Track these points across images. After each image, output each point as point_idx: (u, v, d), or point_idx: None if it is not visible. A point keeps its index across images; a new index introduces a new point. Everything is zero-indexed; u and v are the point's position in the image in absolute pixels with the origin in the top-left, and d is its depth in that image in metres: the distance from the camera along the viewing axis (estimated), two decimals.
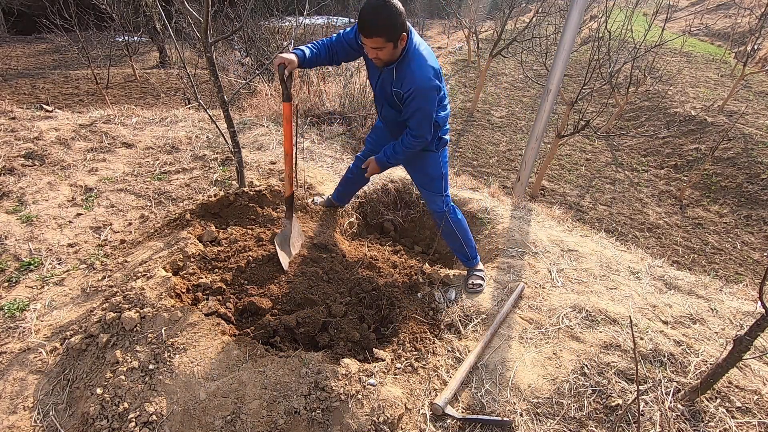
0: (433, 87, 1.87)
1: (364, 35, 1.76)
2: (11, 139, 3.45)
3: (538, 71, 11.11)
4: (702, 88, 10.35)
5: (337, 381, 1.58)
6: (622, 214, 6.74)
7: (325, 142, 4.44)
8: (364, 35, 1.76)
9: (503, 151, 8.54)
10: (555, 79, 3.69)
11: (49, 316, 1.98)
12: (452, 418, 1.58)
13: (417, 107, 1.88)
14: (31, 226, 2.54)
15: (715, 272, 5.31)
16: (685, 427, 1.54)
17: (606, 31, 6.27)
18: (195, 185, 3.16)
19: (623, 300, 2.26)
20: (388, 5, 1.70)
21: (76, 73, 9.28)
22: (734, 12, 14.73)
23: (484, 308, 2.11)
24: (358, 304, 2.07)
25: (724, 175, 7.37)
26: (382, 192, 3.52)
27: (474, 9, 13.06)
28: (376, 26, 1.72)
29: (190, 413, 1.53)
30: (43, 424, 1.58)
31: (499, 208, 3.28)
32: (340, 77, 5.74)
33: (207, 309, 1.93)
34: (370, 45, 1.79)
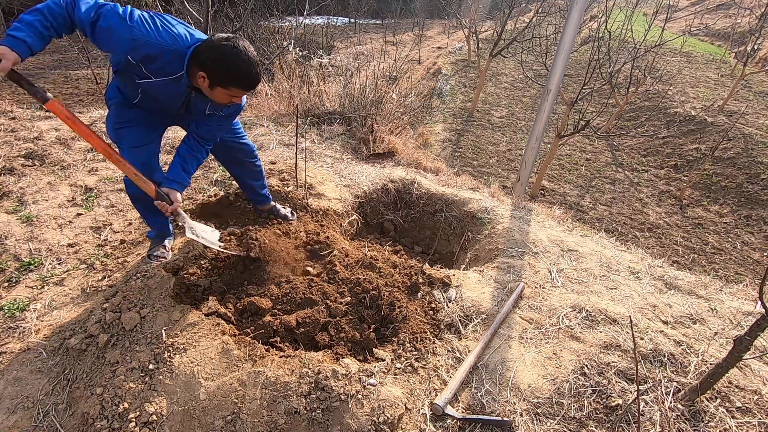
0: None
1: (252, 89, 1.79)
2: (11, 139, 3.45)
3: (538, 71, 11.11)
4: (702, 88, 10.35)
5: (337, 381, 1.58)
6: (622, 214, 6.74)
7: (325, 142, 4.44)
8: (252, 89, 1.79)
9: (503, 151, 8.54)
10: (555, 79, 3.69)
11: (49, 316, 1.98)
12: (452, 418, 1.58)
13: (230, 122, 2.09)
14: (31, 226, 2.54)
15: (715, 272, 5.31)
16: (685, 427, 1.54)
17: (606, 31, 6.28)
18: (195, 185, 3.16)
19: (623, 300, 2.26)
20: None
21: (76, 73, 9.28)
22: (734, 12, 14.73)
23: (484, 308, 2.11)
24: (358, 304, 2.07)
25: (724, 175, 7.37)
26: (382, 192, 3.52)
27: (474, 9, 13.07)
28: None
29: (190, 413, 1.53)
30: (43, 424, 1.58)
31: (499, 208, 3.28)
32: (340, 77, 5.74)
33: (207, 309, 1.93)
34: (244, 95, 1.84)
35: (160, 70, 1.72)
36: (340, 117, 4.96)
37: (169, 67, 1.72)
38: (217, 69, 1.67)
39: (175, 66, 1.72)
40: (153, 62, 1.69)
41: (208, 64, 1.67)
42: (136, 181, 1.83)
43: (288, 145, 4.06)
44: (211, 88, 1.74)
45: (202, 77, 1.70)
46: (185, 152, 1.98)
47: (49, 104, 1.60)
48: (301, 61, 6.15)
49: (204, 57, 1.68)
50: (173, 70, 1.73)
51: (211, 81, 1.71)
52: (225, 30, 8.15)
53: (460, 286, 2.25)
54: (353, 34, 18.37)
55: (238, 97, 1.81)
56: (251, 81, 1.73)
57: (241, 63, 1.67)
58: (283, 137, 4.28)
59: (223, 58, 1.65)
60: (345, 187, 3.41)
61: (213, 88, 1.73)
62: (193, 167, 2.01)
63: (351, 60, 6.44)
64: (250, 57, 1.69)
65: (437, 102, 10.57)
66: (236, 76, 1.69)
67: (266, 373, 1.60)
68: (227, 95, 1.76)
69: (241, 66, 1.67)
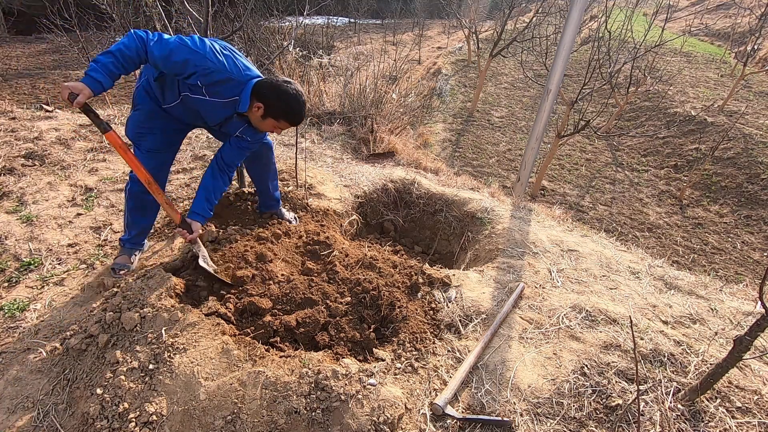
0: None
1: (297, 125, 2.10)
2: (11, 139, 3.45)
3: (538, 71, 11.11)
4: (702, 88, 10.35)
5: (337, 381, 1.58)
6: (622, 214, 6.74)
7: (325, 142, 4.44)
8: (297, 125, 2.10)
9: (503, 151, 8.54)
10: (555, 79, 3.70)
11: (49, 316, 1.98)
12: (452, 418, 1.58)
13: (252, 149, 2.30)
14: (31, 226, 2.54)
15: (715, 272, 5.31)
16: (685, 427, 1.54)
17: (606, 31, 6.28)
18: (195, 185, 3.16)
19: (623, 300, 2.26)
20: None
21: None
22: (734, 12, 14.74)
23: (484, 308, 2.11)
24: (358, 304, 2.07)
25: (724, 175, 7.37)
26: (382, 192, 3.52)
27: (474, 9, 13.07)
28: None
29: (190, 413, 1.53)
30: (43, 424, 1.58)
31: (499, 208, 3.28)
32: (340, 77, 5.74)
33: (207, 309, 1.93)
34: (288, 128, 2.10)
35: (219, 93, 1.97)
36: (340, 117, 4.96)
37: (228, 92, 1.97)
38: (275, 103, 1.96)
39: (234, 92, 1.98)
40: (216, 86, 1.94)
41: (270, 99, 1.96)
42: (166, 209, 2.06)
43: (288, 145, 4.06)
44: (263, 117, 2.01)
45: (258, 107, 1.98)
46: (210, 184, 2.18)
47: (108, 134, 1.85)
48: (301, 61, 6.15)
49: (266, 92, 1.95)
50: (230, 95, 1.98)
51: (266, 113, 1.99)
52: (225, 30, 8.15)
53: (460, 286, 2.25)
54: (353, 34, 18.37)
55: (282, 129, 2.09)
56: (300, 119, 2.06)
57: (297, 104, 1.99)
58: (283, 137, 4.28)
59: (284, 97, 1.96)
60: (345, 187, 3.41)
61: (265, 118, 2.01)
62: (216, 198, 2.22)
63: (351, 60, 6.44)
64: (304, 100, 2.02)
65: (437, 102, 10.57)
66: (290, 113, 2.00)
67: (266, 373, 1.60)
68: (274, 126, 2.05)
69: (297, 107, 2.00)
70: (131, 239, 2.30)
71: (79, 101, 1.71)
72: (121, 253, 2.29)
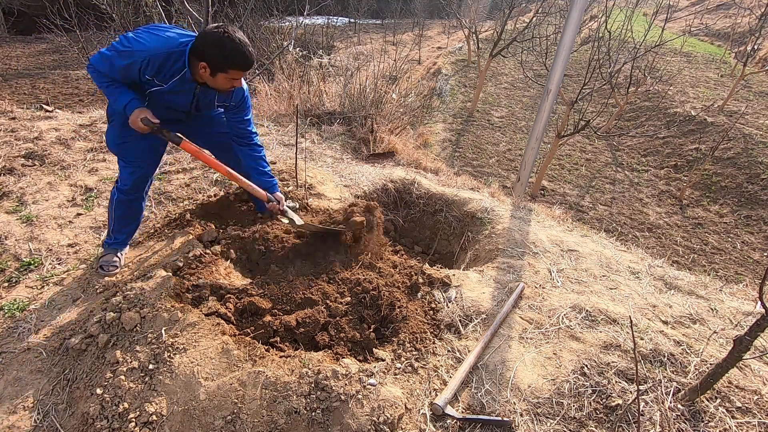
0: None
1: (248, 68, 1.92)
2: (11, 139, 3.45)
3: (538, 71, 11.11)
4: (702, 88, 10.35)
5: (337, 381, 1.58)
6: (622, 214, 6.74)
7: (325, 142, 4.45)
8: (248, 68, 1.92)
9: (503, 151, 8.54)
10: (555, 79, 3.70)
11: (49, 316, 1.98)
12: (452, 418, 1.58)
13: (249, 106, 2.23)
14: (31, 226, 2.54)
15: (715, 272, 5.31)
16: (685, 427, 1.54)
17: (606, 31, 6.28)
18: (195, 185, 3.16)
19: (623, 300, 2.26)
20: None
21: (76, 73, 9.28)
22: (734, 12, 14.73)
23: (484, 308, 2.11)
24: (358, 304, 2.07)
25: (724, 175, 7.37)
26: (382, 192, 3.52)
27: (474, 9, 13.07)
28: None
29: (190, 413, 1.53)
30: (43, 424, 1.58)
31: (499, 208, 3.27)
32: (340, 77, 5.74)
33: (207, 309, 1.93)
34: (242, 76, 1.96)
35: (167, 74, 1.88)
36: (340, 117, 4.96)
37: (174, 68, 1.87)
38: (213, 55, 1.81)
39: (179, 65, 1.87)
40: (161, 69, 1.86)
41: (205, 52, 1.82)
42: (254, 192, 2.22)
43: (288, 145, 4.06)
44: (212, 75, 1.87)
45: (203, 67, 1.85)
46: (251, 162, 2.26)
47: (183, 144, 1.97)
48: (301, 61, 6.15)
49: (200, 48, 1.82)
50: (178, 69, 1.88)
51: (211, 68, 1.85)
52: None
53: (460, 286, 2.25)
54: (353, 34, 18.37)
55: (238, 79, 1.95)
56: (246, 60, 1.86)
57: (234, 45, 1.81)
58: (283, 137, 4.29)
59: (216, 43, 1.80)
60: (345, 187, 3.41)
61: (214, 75, 1.87)
62: (266, 166, 2.30)
63: (351, 60, 6.44)
64: (241, 38, 1.83)
65: (437, 102, 10.57)
66: (233, 59, 1.83)
67: (266, 373, 1.60)
68: (228, 79, 1.90)
69: (235, 47, 1.81)
70: (116, 242, 2.30)
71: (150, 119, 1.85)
72: (105, 253, 2.28)
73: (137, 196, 2.24)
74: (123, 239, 2.32)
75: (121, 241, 2.31)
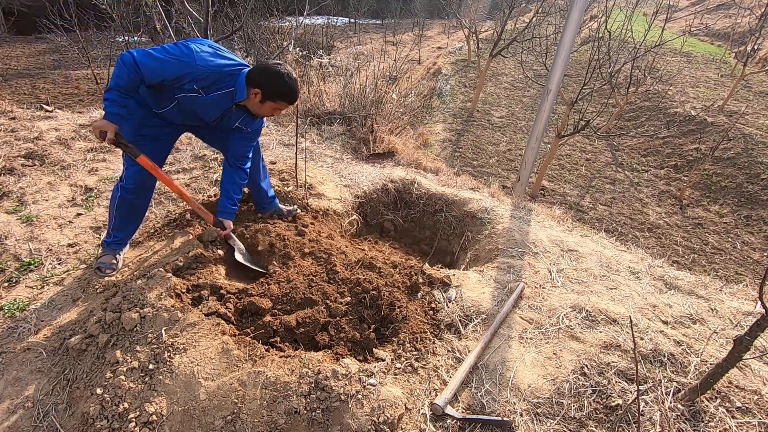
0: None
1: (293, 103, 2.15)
2: (11, 139, 3.45)
3: (538, 71, 11.11)
4: (702, 88, 10.34)
5: (337, 381, 1.58)
6: (622, 214, 6.74)
7: (325, 142, 4.45)
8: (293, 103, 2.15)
9: (503, 151, 8.54)
10: (555, 79, 3.69)
11: (49, 316, 1.98)
12: (452, 418, 1.58)
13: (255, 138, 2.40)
14: (31, 226, 2.54)
15: (715, 272, 5.31)
16: (685, 427, 1.54)
17: (606, 31, 6.28)
18: (195, 185, 3.16)
19: (623, 300, 2.26)
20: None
21: (76, 73, 9.27)
22: (734, 12, 14.73)
23: (484, 308, 2.11)
24: (358, 304, 2.07)
25: (724, 175, 7.37)
26: (382, 192, 3.52)
27: (474, 9, 13.07)
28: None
29: (190, 413, 1.53)
30: (43, 424, 1.58)
31: (499, 208, 3.27)
32: (340, 77, 5.74)
33: (207, 309, 1.93)
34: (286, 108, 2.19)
35: (214, 89, 2.04)
36: (340, 117, 4.96)
37: (223, 86, 2.05)
38: (271, 86, 2.05)
39: (228, 84, 2.06)
40: (212, 85, 2.02)
41: (263, 82, 2.04)
42: (199, 211, 2.32)
43: (288, 145, 4.06)
44: (261, 102, 2.09)
45: (255, 94, 2.06)
46: (228, 183, 2.35)
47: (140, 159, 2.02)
48: (301, 61, 6.15)
49: (260, 77, 2.04)
50: (226, 88, 2.06)
51: (263, 96, 2.07)
52: (225, 30, 8.14)
53: (460, 286, 2.25)
54: (353, 34, 18.37)
55: (281, 109, 2.17)
56: (296, 96, 2.13)
57: (291, 82, 2.07)
58: (283, 137, 4.29)
59: (278, 78, 2.04)
60: (345, 187, 3.41)
61: (263, 102, 2.09)
62: (238, 193, 2.38)
63: (351, 60, 6.44)
64: (294, 78, 2.10)
65: (437, 102, 10.56)
66: (284, 92, 2.08)
67: (266, 373, 1.60)
68: (273, 108, 2.13)
69: (291, 84, 2.07)
70: (115, 241, 2.30)
71: (109, 138, 1.89)
72: (104, 253, 2.28)
73: (140, 196, 2.25)
74: (123, 238, 2.32)
75: (120, 240, 2.30)
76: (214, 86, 2.03)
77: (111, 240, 2.29)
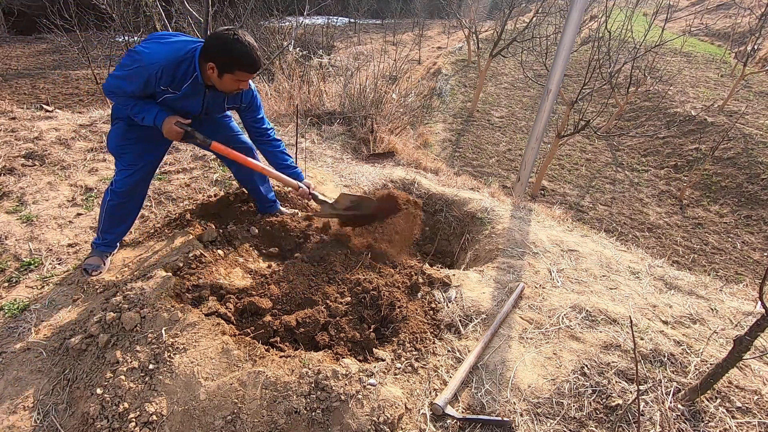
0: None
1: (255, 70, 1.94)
2: (11, 139, 3.45)
3: (538, 71, 11.10)
4: (702, 88, 10.34)
5: (337, 381, 1.58)
6: (622, 214, 6.74)
7: (325, 142, 4.45)
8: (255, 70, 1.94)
9: (503, 151, 8.54)
10: (555, 79, 3.69)
11: (49, 316, 1.98)
12: (452, 418, 1.58)
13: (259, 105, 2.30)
14: (31, 226, 2.54)
15: (715, 272, 5.31)
16: (685, 427, 1.54)
17: (606, 31, 6.28)
18: (195, 185, 3.16)
19: (623, 300, 2.26)
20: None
21: (76, 73, 9.27)
22: (734, 12, 14.73)
23: (484, 308, 2.11)
24: (358, 304, 2.07)
25: (724, 175, 7.37)
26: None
27: (474, 9, 13.07)
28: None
29: (190, 413, 1.53)
30: (43, 424, 1.58)
31: (499, 208, 3.27)
32: (340, 77, 5.74)
33: (207, 309, 1.93)
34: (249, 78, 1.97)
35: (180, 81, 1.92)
36: (340, 117, 4.96)
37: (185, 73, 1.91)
38: (222, 56, 1.84)
39: (190, 69, 1.91)
40: (175, 79, 1.90)
41: (214, 53, 1.84)
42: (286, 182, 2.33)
43: (288, 145, 4.06)
44: (219, 77, 1.89)
45: (211, 68, 1.87)
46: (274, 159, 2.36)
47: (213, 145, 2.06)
48: (301, 61, 6.15)
49: (209, 49, 1.85)
50: (189, 74, 1.91)
51: (219, 69, 1.87)
52: None
53: (460, 286, 2.25)
54: (353, 34, 18.37)
55: (245, 81, 1.96)
56: (254, 62, 1.89)
57: (242, 47, 1.84)
58: (283, 137, 4.28)
59: (225, 45, 1.83)
60: (345, 187, 3.41)
61: (221, 76, 1.89)
62: (288, 158, 2.39)
63: (351, 60, 6.44)
64: (250, 41, 1.86)
65: (437, 102, 10.57)
66: (240, 61, 1.86)
67: (266, 373, 1.60)
68: (234, 80, 1.92)
69: (243, 50, 1.84)
70: (104, 243, 2.29)
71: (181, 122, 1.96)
72: (92, 254, 2.27)
73: (130, 200, 2.22)
74: (111, 240, 2.30)
75: (109, 242, 2.29)
76: (178, 80, 1.91)
77: (100, 242, 2.28)
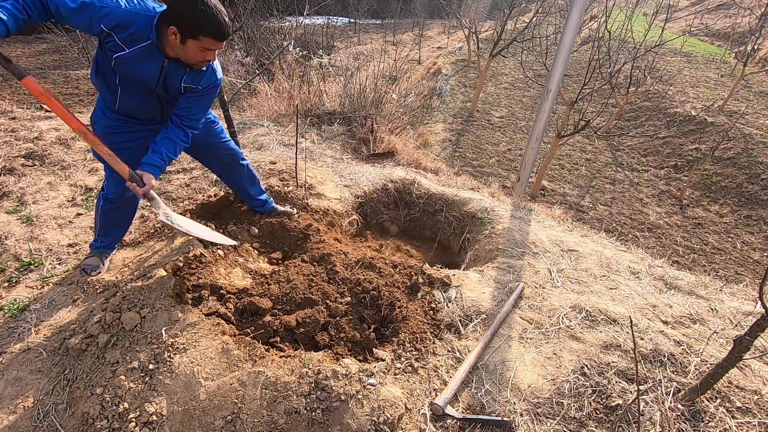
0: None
1: (222, 37, 1.71)
2: (11, 139, 3.45)
3: (538, 71, 11.10)
4: (702, 88, 10.34)
5: (337, 381, 1.58)
6: (622, 214, 6.74)
7: (325, 142, 4.44)
8: (222, 37, 1.71)
9: (503, 151, 8.54)
10: (555, 79, 3.69)
11: (49, 316, 1.98)
12: (452, 418, 1.58)
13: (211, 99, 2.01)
14: (31, 226, 2.54)
15: (715, 272, 5.31)
16: (685, 427, 1.54)
17: (606, 31, 6.27)
18: (195, 185, 3.16)
19: (623, 300, 2.26)
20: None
21: (76, 73, 9.27)
22: (734, 12, 14.73)
23: (484, 308, 2.11)
24: (358, 304, 2.07)
25: (724, 175, 7.37)
26: (382, 192, 3.52)
27: (474, 9, 13.07)
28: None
29: (190, 413, 1.53)
30: (43, 424, 1.58)
31: (499, 208, 3.27)
32: (340, 77, 5.74)
33: (207, 309, 1.93)
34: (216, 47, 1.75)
35: (132, 38, 1.70)
36: (340, 117, 4.96)
37: (140, 34, 1.71)
38: (184, 19, 1.65)
39: (146, 33, 1.71)
40: (125, 30, 1.68)
41: (175, 16, 1.66)
42: (110, 161, 1.84)
43: (288, 145, 4.06)
44: (182, 43, 1.70)
45: (174, 33, 1.68)
46: (161, 136, 1.95)
47: (25, 80, 1.63)
48: (301, 61, 6.15)
49: (171, 11, 1.66)
50: (145, 37, 1.72)
51: (181, 34, 1.68)
52: None
53: (460, 286, 2.25)
54: (353, 34, 18.37)
55: (211, 51, 1.76)
56: (220, 27, 1.69)
57: (207, 9, 1.64)
58: (283, 137, 4.28)
59: (188, 7, 1.64)
60: (345, 187, 3.41)
61: (184, 41, 1.70)
62: (169, 150, 1.96)
63: (351, 60, 6.44)
64: (216, 4, 1.67)
65: (437, 102, 10.56)
66: (203, 24, 1.66)
67: (266, 373, 1.60)
68: (200, 49, 1.72)
69: (208, 12, 1.64)
70: (102, 245, 2.29)
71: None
72: (91, 255, 2.27)
73: (122, 205, 2.19)
74: (109, 243, 2.31)
75: (107, 244, 2.30)
76: (130, 37, 1.70)
77: (99, 244, 2.29)
